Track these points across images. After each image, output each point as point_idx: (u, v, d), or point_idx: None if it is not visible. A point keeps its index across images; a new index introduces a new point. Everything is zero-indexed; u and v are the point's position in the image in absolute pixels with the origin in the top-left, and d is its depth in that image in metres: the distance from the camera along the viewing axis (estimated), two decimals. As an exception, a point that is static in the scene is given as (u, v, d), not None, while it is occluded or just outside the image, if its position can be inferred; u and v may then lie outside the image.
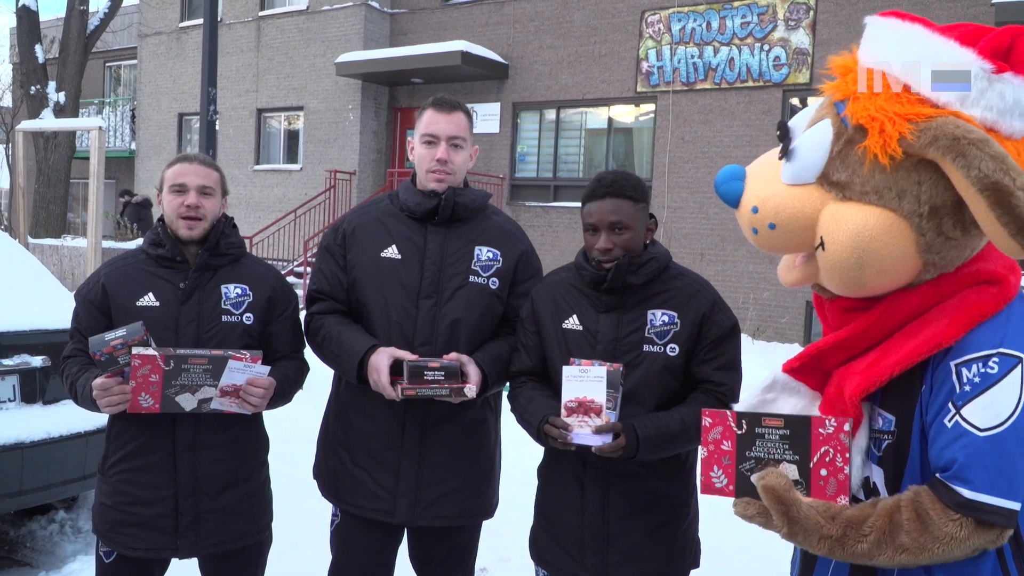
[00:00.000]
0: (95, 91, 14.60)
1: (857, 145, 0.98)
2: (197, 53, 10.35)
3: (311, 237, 9.14)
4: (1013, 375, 0.91)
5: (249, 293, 1.62)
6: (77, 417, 2.39)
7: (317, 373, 1.77)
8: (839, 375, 1.05)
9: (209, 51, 6.76)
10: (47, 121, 10.33)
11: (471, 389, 1.48)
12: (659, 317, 1.42)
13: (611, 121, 8.97)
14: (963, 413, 0.92)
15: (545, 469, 1.54)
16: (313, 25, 10.45)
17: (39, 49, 11.00)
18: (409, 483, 1.58)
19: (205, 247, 1.60)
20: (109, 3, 11.34)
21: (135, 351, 1.42)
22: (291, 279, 7.91)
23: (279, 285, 1.69)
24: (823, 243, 1.00)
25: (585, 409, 1.32)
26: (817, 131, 1.04)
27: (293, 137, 10.97)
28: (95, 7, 11.30)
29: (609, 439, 1.32)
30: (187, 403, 1.47)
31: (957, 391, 0.93)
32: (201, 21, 7.99)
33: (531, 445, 1.57)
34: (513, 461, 2.11)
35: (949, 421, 0.93)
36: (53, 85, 10.97)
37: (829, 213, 1.00)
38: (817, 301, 1.13)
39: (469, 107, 1.70)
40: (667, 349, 1.41)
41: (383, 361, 1.50)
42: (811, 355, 1.08)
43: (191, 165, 1.62)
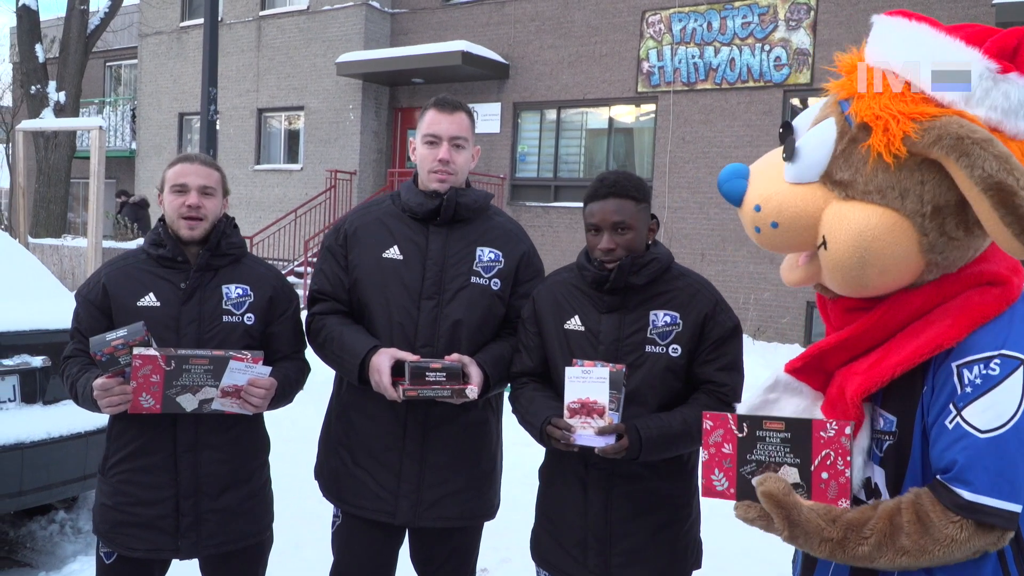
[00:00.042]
0: (95, 91, 14.61)
1: (861, 144, 0.98)
2: (198, 53, 10.35)
3: (311, 237, 9.14)
4: (1015, 377, 0.91)
5: (250, 293, 1.62)
6: (77, 417, 2.39)
7: (318, 373, 1.77)
8: (841, 375, 1.05)
9: (210, 51, 6.76)
10: (47, 121, 10.34)
11: (473, 390, 1.48)
12: (661, 318, 1.42)
13: (612, 121, 8.97)
14: (964, 415, 0.92)
15: (547, 470, 1.54)
16: (314, 25, 10.45)
17: (39, 48, 11.01)
18: (410, 484, 1.58)
19: (206, 247, 1.60)
20: (110, 3, 11.34)
21: (136, 351, 1.42)
22: (291, 279, 7.90)
23: (280, 285, 1.68)
24: (825, 242, 1.00)
25: (588, 410, 1.32)
26: (821, 130, 1.04)
27: (294, 137, 10.97)
28: (95, 7, 11.31)
29: (612, 440, 1.32)
30: (188, 403, 1.47)
31: (958, 392, 0.93)
32: (202, 21, 8.00)
33: (532, 446, 1.56)
34: (514, 462, 2.10)
35: (950, 422, 0.93)
36: (53, 85, 10.98)
37: (832, 212, 1.00)
38: (820, 301, 1.13)
39: (470, 107, 1.70)
40: (669, 350, 1.41)
41: (384, 362, 1.50)
42: (813, 355, 1.08)
43: (192, 165, 1.62)
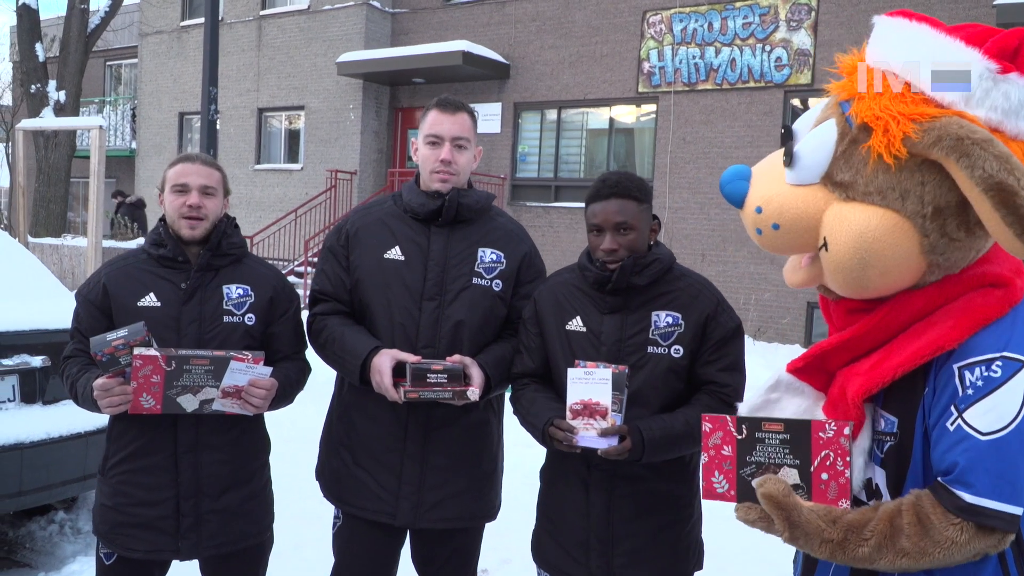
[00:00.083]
0: (96, 90, 14.61)
1: (861, 145, 0.98)
2: (198, 52, 10.35)
3: (312, 237, 9.14)
4: (1016, 379, 0.91)
5: (251, 294, 1.61)
6: (77, 417, 2.39)
7: (318, 374, 1.76)
8: (843, 376, 1.05)
9: (210, 50, 6.76)
10: (47, 120, 10.34)
11: (474, 392, 1.47)
12: (663, 318, 1.41)
13: (612, 121, 8.97)
14: (965, 417, 0.92)
15: (548, 471, 1.54)
16: (314, 24, 10.45)
17: (39, 48, 11.01)
18: (411, 485, 1.58)
19: (207, 247, 1.59)
20: (110, 2, 11.35)
21: (137, 351, 1.42)
22: (291, 279, 7.91)
23: (281, 285, 1.68)
24: (826, 244, 1.00)
25: (590, 411, 1.31)
26: (821, 131, 1.04)
27: (294, 137, 10.97)
28: (96, 6, 11.33)
29: (615, 442, 1.32)
30: (189, 404, 1.46)
31: (960, 394, 0.93)
32: (202, 20, 8.00)
33: (533, 447, 1.56)
34: (515, 463, 2.10)
35: (951, 424, 0.93)
36: (53, 84, 10.99)
37: (832, 214, 1.00)
38: (823, 302, 1.13)
39: (472, 107, 1.70)
40: (671, 351, 1.41)
41: (386, 363, 1.50)
42: (815, 355, 1.08)
43: (193, 165, 1.61)
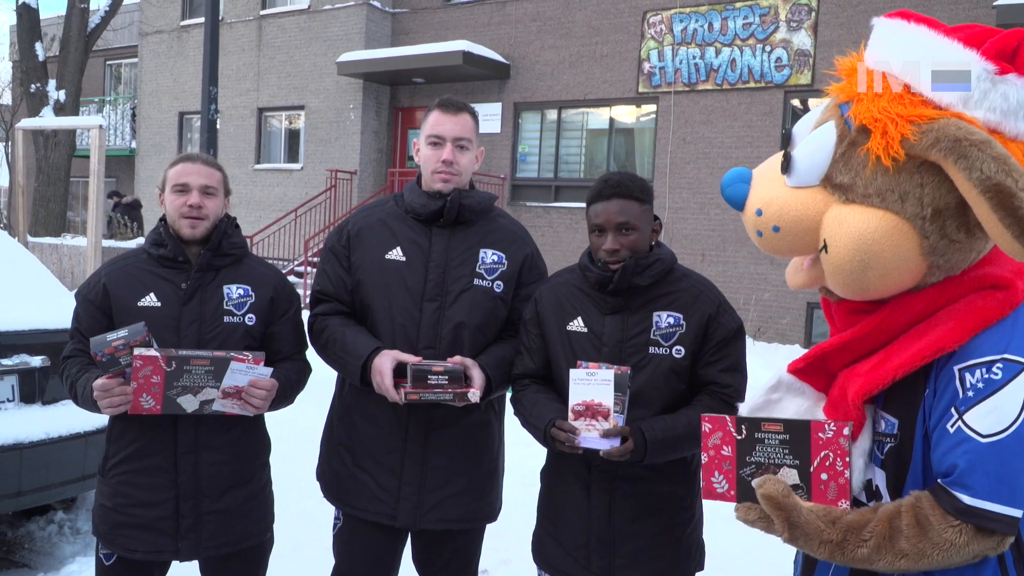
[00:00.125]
0: (95, 89, 14.60)
1: (860, 147, 0.98)
2: (198, 52, 10.35)
3: (311, 237, 9.14)
4: (1017, 382, 0.91)
5: (251, 294, 1.61)
6: (76, 417, 2.38)
7: (318, 374, 1.76)
8: (843, 377, 1.05)
9: (210, 50, 6.76)
10: (47, 119, 10.34)
11: (475, 394, 1.47)
12: (664, 319, 1.41)
13: (612, 121, 8.97)
14: (965, 419, 0.92)
15: (549, 472, 1.53)
16: (314, 24, 10.45)
17: (39, 47, 11.01)
18: (412, 486, 1.58)
19: (207, 247, 1.59)
20: (110, 1, 11.34)
21: (137, 352, 1.41)
22: (291, 279, 7.91)
23: (281, 285, 1.68)
24: (826, 246, 1.00)
25: (592, 412, 1.31)
26: (821, 133, 1.04)
27: (294, 136, 10.97)
28: (96, 5, 11.33)
29: (617, 443, 1.32)
30: (189, 404, 1.46)
31: (960, 396, 0.93)
32: (202, 20, 8.00)
33: (533, 447, 1.56)
34: (515, 463, 2.10)
35: (951, 426, 0.93)
36: (53, 83, 10.98)
37: (832, 216, 1.00)
38: (824, 303, 1.13)
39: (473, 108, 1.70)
40: (673, 351, 1.41)
41: (386, 364, 1.49)
42: (816, 356, 1.08)
43: (194, 165, 1.61)
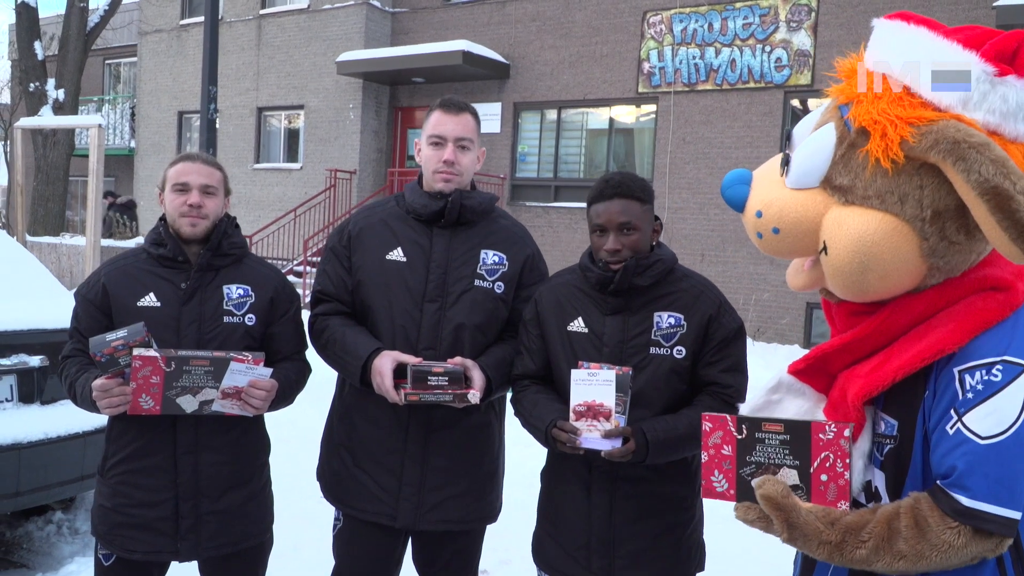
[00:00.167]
0: (95, 88, 14.58)
1: (859, 149, 0.98)
2: (197, 51, 10.34)
3: (311, 236, 9.14)
4: (1016, 383, 0.91)
5: (251, 294, 1.61)
6: (75, 417, 2.38)
7: (318, 374, 1.76)
8: (844, 378, 1.05)
9: (210, 49, 6.75)
10: (46, 118, 10.33)
11: (475, 395, 1.47)
12: (665, 319, 1.41)
13: (612, 122, 8.97)
14: (965, 420, 0.92)
15: (549, 472, 1.53)
16: (314, 24, 10.44)
17: (38, 46, 10.99)
18: (412, 487, 1.58)
19: (207, 247, 1.59)
20: (109, 0, 11.32)
21: (136, 352, 1.41)
22: (291, 278, 7.90)
23: (281, 285, 1.68)
24: (826, 248, 1.00)
25: (594, 413, 1.31)
26: (820, 135, 1.04)
27: (293, 136, 10.96)
28: (95, 4, 11.31)
29: (619, 443, 1.31)
30: (188, 405, 1.46)
31: (959, 398, 0.93)
32: (202, 19, 7.99)
33: (533, 447, 1.56)
34: (515, 463, 2.10)
35: (951, 428, 0.93)
36: (52, 82, 10.97)
37: (832, 218, 1.00)
38: (825, 304, 1.13)
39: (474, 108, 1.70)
40: (674, 351, 1.41)
41: (387, 365, 1.49)
42: (817, 357, 1.08)
43: (194, 164, 1.61)
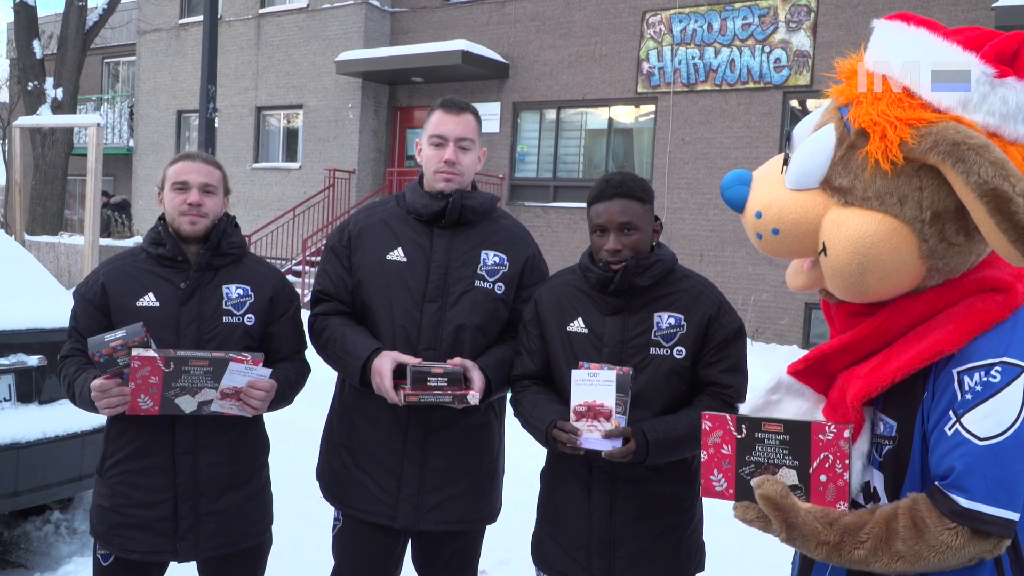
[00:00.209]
0: (93, 87, 14.56)
1: (859, 150, 0.98)
2: (196, 50, 10.32)
3: (310, 236, 9.13)
4: (1015, 385, 0.91)
5: (251, 294, 1.61)
6: (73, 417, 2.38)
7: (318, 374, 1.76)
8: (843, 379, 1.05)
9: (209, 48, 6.74)
10: (44, 117, 10.31)
11: (474, 396, 1.47)
12: (665, 319, 1.41)
13: (611, 122, 8.97)
14: (963, 421, 0.92)
15: (549, 473, 1.53)
16: (313, 23, 10.43)
17: (37, 45, 10.97)
18: (411, 487, 1.58)
19: (207, 246, 1.59)
20: (108, -1, 11.30)
21: (135, 352, 1.41)
22: (289, 278, 7.87)
23: (281, 285, 1.68)
24: (825, 249, 1.00)
25: (595, 413, 1.31)
26: (820, 136, 1.04)
27: (292, 135, 10.95)
28: (94, 3, 11.28)
29: (619, 444, 1.31)
30: (187, 405, 1.46)
31: (958, 399, 0.93)
32: (200, 18, 7.99)
33: (532, 447, 1.56)
34: (514, 463, 2.10)
35: (949, 429, 0.93)
36: (51, 81, 10.95)
37: (831, 219, 1.00)
38: (824, 305, 1.14)
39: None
40: (674, 352, 1.41)
41: (386, 365, 1.49)
42: (816, 358, 1.08)
43: (194, 163, 1.61)
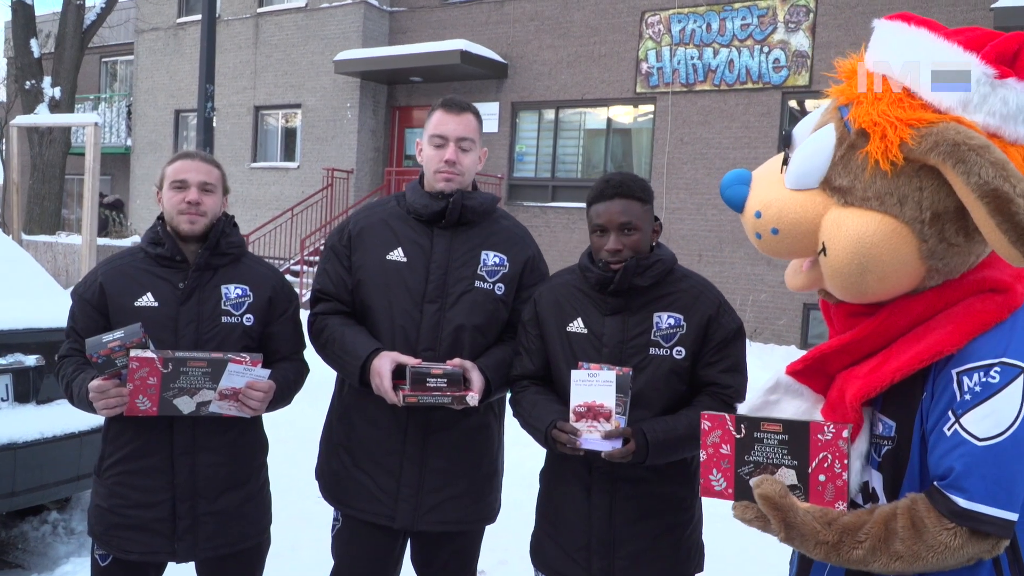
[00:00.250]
0: (91, 87, 14.52)
1: (859, 150, 0.98)
2: (194, 49, 10.31)
3: (308, 235, 9.12)
4: (1014, 385, 0.91)
5: (249, 294, 1.60)
6: (71, 417, 2.37)
7: (316, 374, 1.76)
8: (842, 379, 1.05)
9: (207, 47, 6.73)
10: (42, 116, 10.28)
11: (473, 398, 1.47)
12: (665, 320, 1.41)
13: (610, 122, 8.97)
14: (962, 422, 0.92)
15: (549, 473, 1.53)
16: (312, 22, 10.42)
17: (34, 43, 10.94)
18: (410, 488, 1.58)
19: (205, 246, 1.58)
20: (106, -2, 11.27)
21: (133, 353, 1.40)
22: (287, 278, 7.85)
23: (280, 285, 1.67)
24: (825, 249, 1.00)
25: (594, 414, 1.31)
26: (820, 136, 1.04)
27: (291, 135, 10.94)
28: (91, 2, 11.24)
29: (619, 444, 1.31)
30: (185, 406, 1.45)
31: (957, 399, 0.93)
32: (199, 17, 7.96)
33: (531, 447, 1.56)
34: (513, 464, 2.10)
35: (948, 429, 0.93)
36: (48, 80, 10.92)
37: (831, 219, 1.00)
38: (823, 305, 1.14)
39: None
40: (673, 352, 1.40)
41: (385, 365, 1.49)
42: (815, 358, 1.08)
43: (192, 162, 1.60)
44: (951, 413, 0.93)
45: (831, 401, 1.07)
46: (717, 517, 1.47)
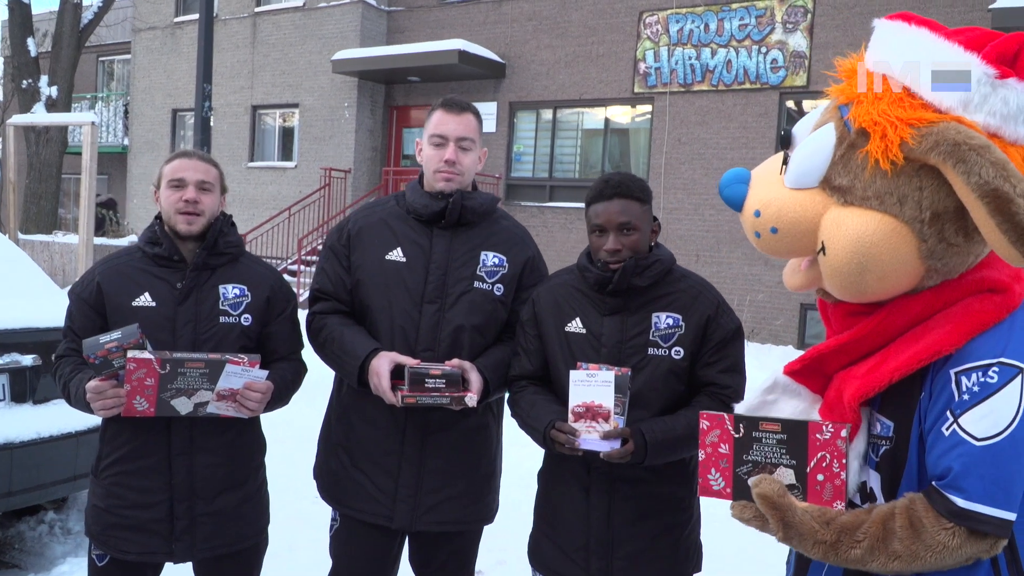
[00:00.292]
0: (88, 86, 14.48)
1: (859, 150, 0.98)
2: (192, 48, 10.29)
3: (305, 235, 9.11)
4: (1012, 385, 0.91)
5: (247, 294, 1.60)
6: (68, 417, 2.36)
7: (315, 373, 1.75)
8: (840, 379, 1.05)
9: (204, 47, 6.72)
10: (39, 115, 10.25)
11: (472, 398, 1.47)
12: (663, 320, 1.41)
13: (608, 122, 8.98)
14: (961, 422, 0.92)
15: (547, 474, 1.53)
16: (309, 22, 10.40)
17: (31, 42, 10.91)
18: (409, 488, 1.57)
19: (203, 246, 1.57)
20: (103, -3, 11.24)
21: (130, 354, 1.40)
22: (285, 277, 7.83)
23: (278, 285, 1.67)
24: (824, 248, 1.00)
25: (593, 414, 1.31)
26: (820, 135, 1.04)
27: (288, 134, 10.92)
28: (89, 1, 11.20)
29: (617, 444, 1.31)
30: (183, 407, 1.45)
31: (956, 399, 0.93)
32: (196, 16, 7.95)
33: (529, 448, 1.56)
34: (511, 464, 2.10)
35: (947, 429, 0.93)
36: (45, 79, 10.89)
37: (830, 218, 1.00)
38: (821, 305, 1.14)
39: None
40: (672, 352, 1.40)
41: (384, 366, 1.49)
42: (813, 358, 1.08)
43: (190, 161, 1.60)
44: (949, 413, 0.93)
45: (829, 401, 1.07)
46: (715, 517, 1.47)
